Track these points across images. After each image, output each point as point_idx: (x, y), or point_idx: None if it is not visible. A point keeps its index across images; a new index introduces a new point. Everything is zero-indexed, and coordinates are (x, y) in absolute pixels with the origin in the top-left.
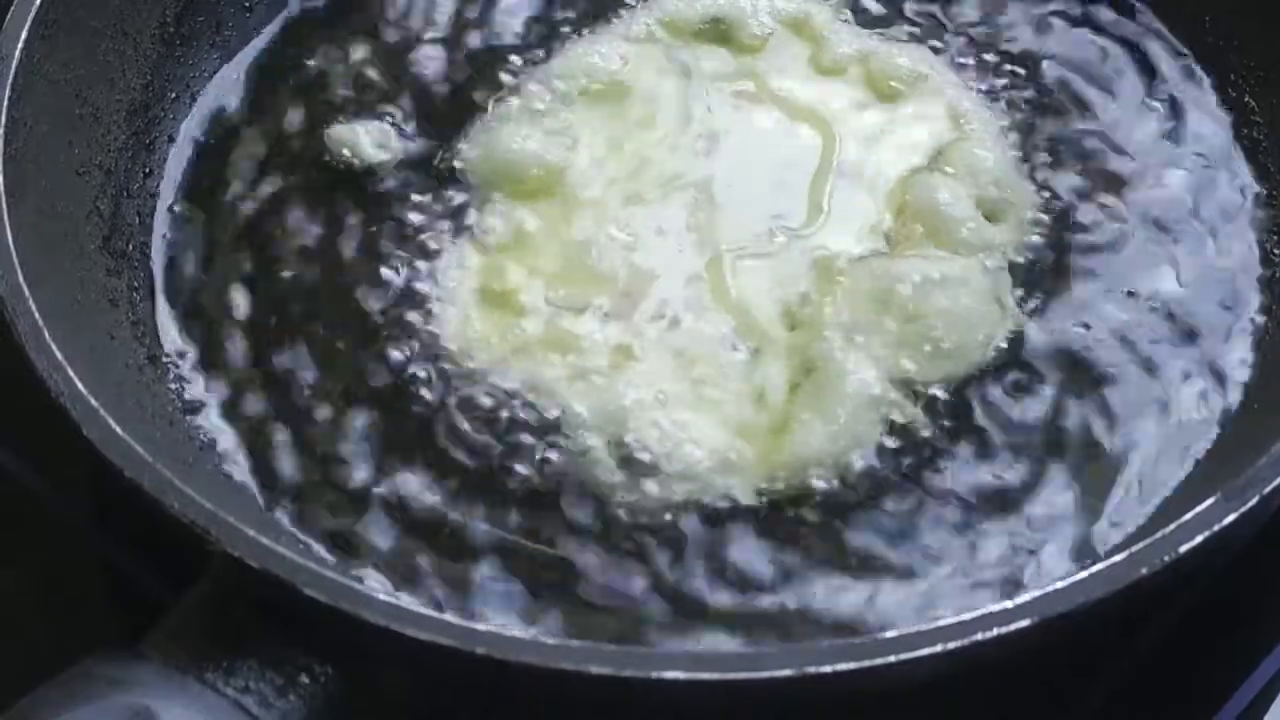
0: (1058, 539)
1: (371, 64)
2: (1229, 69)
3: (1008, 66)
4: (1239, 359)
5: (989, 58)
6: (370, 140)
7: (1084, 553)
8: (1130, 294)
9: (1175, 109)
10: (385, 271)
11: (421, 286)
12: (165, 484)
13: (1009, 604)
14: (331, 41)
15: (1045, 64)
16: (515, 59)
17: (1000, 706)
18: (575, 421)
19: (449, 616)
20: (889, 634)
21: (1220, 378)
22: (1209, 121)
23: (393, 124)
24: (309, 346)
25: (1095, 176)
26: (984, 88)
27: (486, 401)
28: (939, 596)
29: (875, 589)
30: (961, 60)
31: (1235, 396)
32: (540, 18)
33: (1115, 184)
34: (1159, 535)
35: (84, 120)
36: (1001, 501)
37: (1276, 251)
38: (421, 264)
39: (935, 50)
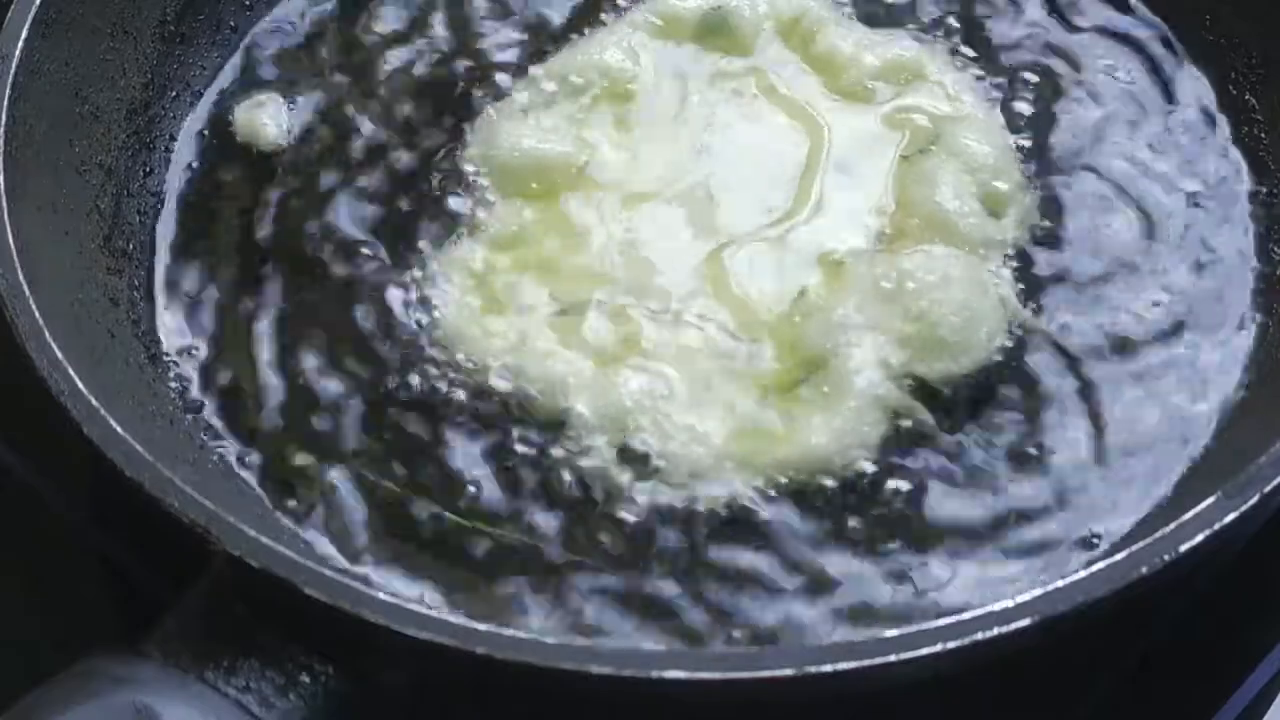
0: (1058, 536)
1: (372, 62)
2: (1229, 69)
3: (1007, 62)
4: (1239, 357)
5: (988, 53)
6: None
7: (1082, 551)
8: (1129, 292)
9: (1175, 108)
10: (387, 270)
11: (423, 284)
12: (166, 483)
13: (1009, 603)
14: (332, 40)
15: (1045, 61)
16: (516, 57)
17: (1000, 706)
18: (577, 420)
19: (449, 616)
20: (889, 634)
21: (1220, 376)
22: (1209, 120)
23: (393, 122)
24: (310, 345)
25: (1094, 174)
26: (983, 83)
27: (488, 400)
28: (943, 592)
29: (879, 586)
30: (960, 55)
31: (1235, 395)
32: (541, 16)
33: (1115, 181)
34: (1159, 535)
35: (84, 119)
36: (1003, 498)
37: (1276, 250)
38: (423, 262)
39: (933, 45)
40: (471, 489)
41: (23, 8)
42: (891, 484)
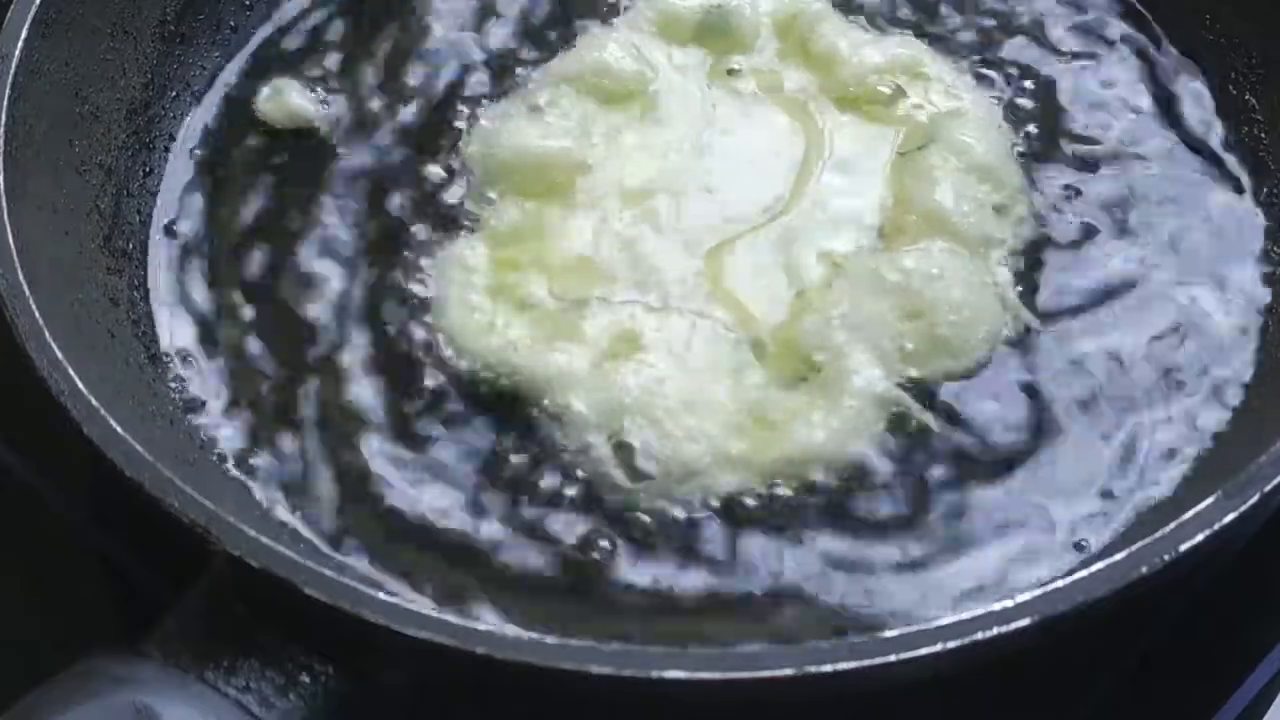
0: (1057, 536)
1: (372, 60)
2: (1229, 69)
3: (1005, 62)
4: (1239, 357)
5: (986, 52)
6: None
7: (1082, 550)
8: (1130, 291)
9: (1175, 108)
10: (387, 267)
11: (423, 282)
12: (166, 483)
13: (1009, 603)
14: (333, 38)
15: (1044, 60)
16: (517, 55)
17: (1000, 706)
18: (575, 417)
19: (449, 616)
20: (889, 634)
21: (1220, 376)
22: (1209, 121)
23: (394, 119)
24: (310, 344)
25: (1094, 173)
26: (981, 82)
27: (487, 397)
28: (942, 592)
29: (878, 583)
30: (958, 54)
31: (1235, 395)
32: (541, 15)
33: (1115, 181)
34: (1159, 534)
35: (84, 119)
36: (1002, 497)
37: (1276, 250)
38: (423, 259)
39: (932, 44)
40: (468, 486)
41: (23, 8)
42: (889, 482)
